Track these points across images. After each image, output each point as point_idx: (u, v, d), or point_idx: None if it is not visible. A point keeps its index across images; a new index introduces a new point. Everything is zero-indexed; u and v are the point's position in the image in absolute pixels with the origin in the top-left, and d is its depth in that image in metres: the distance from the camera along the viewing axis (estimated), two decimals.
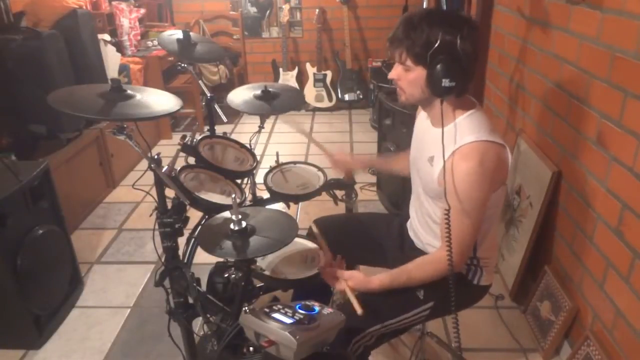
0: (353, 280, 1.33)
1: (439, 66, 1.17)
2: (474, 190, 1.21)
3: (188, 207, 1.47)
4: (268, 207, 1.47)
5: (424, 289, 1.37)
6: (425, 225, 1.45)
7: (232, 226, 1.18)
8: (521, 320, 2.10)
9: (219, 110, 1.90)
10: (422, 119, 1.44)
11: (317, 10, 4.71)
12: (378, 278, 1.33)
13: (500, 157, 1.24)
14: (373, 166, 1.72)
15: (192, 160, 1.65)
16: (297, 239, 1.52)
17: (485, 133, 1.23)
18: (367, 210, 2.98)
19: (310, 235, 1.60)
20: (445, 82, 1.17)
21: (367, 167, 1.72)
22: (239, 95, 1.73)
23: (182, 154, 1.62)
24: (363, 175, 3.45)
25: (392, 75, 1.31)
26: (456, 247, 1.23)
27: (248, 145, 1.83)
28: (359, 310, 1.25)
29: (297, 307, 1.08)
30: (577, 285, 1.83)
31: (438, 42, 1.16)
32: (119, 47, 3.73)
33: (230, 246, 1.15)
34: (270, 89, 1.71)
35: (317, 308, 1.09)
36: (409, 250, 1.52)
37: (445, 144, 1.24)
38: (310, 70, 4.79)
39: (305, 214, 2.93)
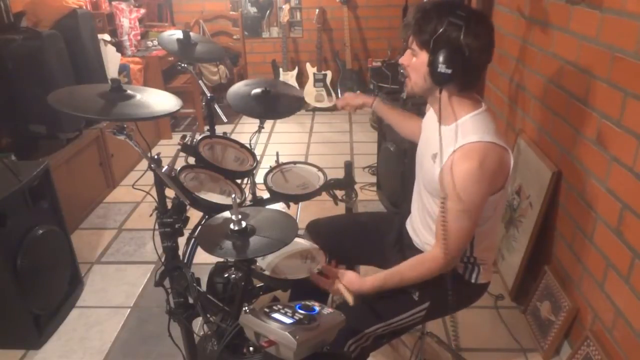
0: (346, 279, 1.33)
1: (439, 52, 1.19)
2: (472, 190, 1.20)
3: (188, 207, 1.47)
4: (268, 207, 1.47)
5: (418, 290, 1.36)
6: (424, 223, 1.45)
7: (232, 226, 1.18)
8: (521, 320, 2.10)
9: (219, 110, 1.91)
10: (431, 116, 1.44)
11: (317, 10, 4.71)
12: (371, 278, 1.32)
13: (502, 160, 1.23)
14: (377, 111, 1.73)
15: (192, 160, 1.65)
16: (297, 239, 1.52)
17: (489, 134, 1.22)
18: (367, 211, 2.98)
19: (306, 235, 1.60)
20: (442, 68, 1.19)
21: (371, 105, 1.73)
22: (239, 93, 1.73)
23: (182, 154, 1.62)
24: (363, 175, 3.46)
25: (402, 59, 1.34)
26: (450, 244, 1.23)
27: (248, 145, 1.83)
28: (350, 301, 1.27)
29: (297, 307, 1.08)
30: (577, 285, 1.83)
31: (442, 29, 1.18)
32: (119, 47, 3.73)
33: (230, 246, 1.15)
34: (269, 89, 1.71)
35: (317, 308, 1.09)
36: (407, 250, 1.52)
37: (448, 142, 1.24)
38: (310, 70, 4.79)
39: (305, 214, 2.93)
